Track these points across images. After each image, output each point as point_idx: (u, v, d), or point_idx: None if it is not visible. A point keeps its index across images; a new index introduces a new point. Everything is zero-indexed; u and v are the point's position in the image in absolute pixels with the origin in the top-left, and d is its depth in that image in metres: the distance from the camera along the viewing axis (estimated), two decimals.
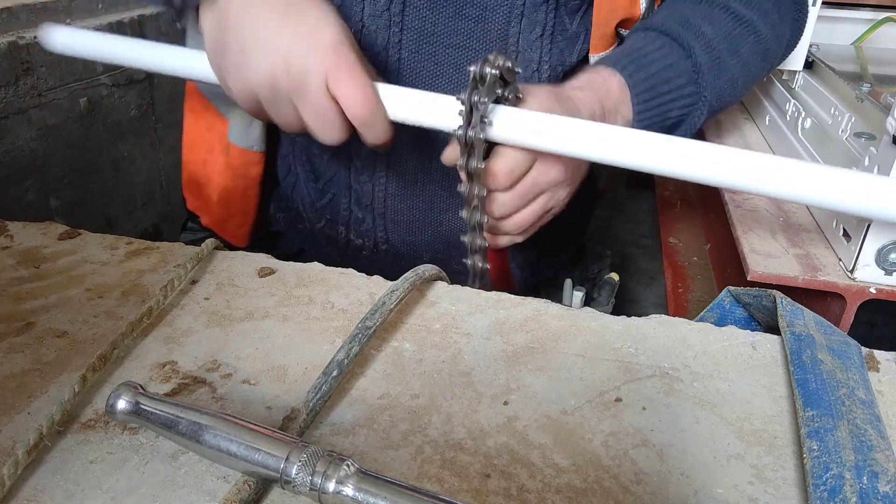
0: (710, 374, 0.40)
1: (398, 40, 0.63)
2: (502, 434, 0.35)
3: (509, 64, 0.48)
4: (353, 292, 0.47)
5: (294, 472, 0.29)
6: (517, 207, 0.53)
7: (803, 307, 0.44)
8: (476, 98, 0.48)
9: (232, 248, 0.53)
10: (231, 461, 0.30)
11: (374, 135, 0.51)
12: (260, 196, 0.77)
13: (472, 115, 0.48)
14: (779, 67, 0.84)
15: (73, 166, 1.04)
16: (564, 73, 0.67)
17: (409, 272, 0.45)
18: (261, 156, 0.74)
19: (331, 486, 0.28)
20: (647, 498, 0.32)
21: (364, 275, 0.49)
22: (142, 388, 0.32)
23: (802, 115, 0.76)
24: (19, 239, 0.53)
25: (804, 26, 0.76)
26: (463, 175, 0.51)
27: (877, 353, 0.41)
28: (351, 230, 0.73)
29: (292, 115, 0.51)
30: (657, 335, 0.43)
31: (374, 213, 0.70)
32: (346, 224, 0.73)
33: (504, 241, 0.57)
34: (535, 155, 0.52)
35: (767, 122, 0.88)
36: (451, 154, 0.52)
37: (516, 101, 0.51)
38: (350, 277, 0.49)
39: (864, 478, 0.30)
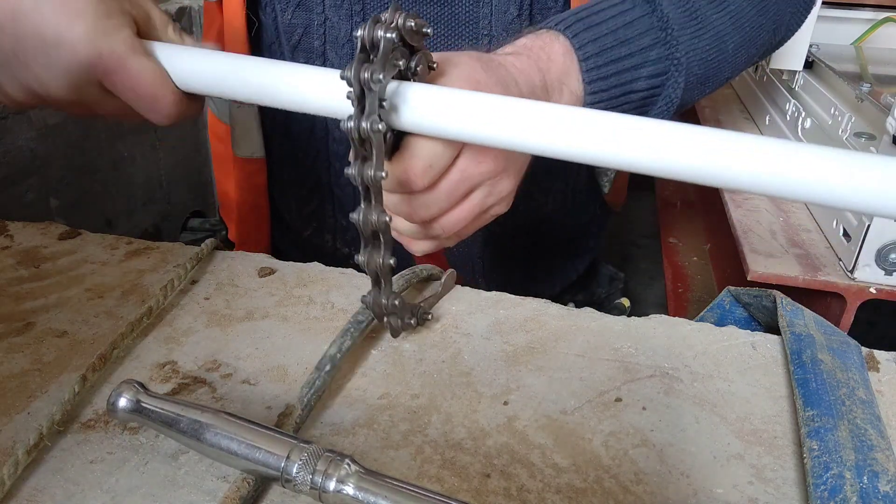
0: (710, 374, 0.40)
1: None
2: (502, 434, 0.35)
3: (412, 23, 0.36)
4: (353, 292, 0.47)
5: (295, 470, 0.29)
6: (443, 209, 0.41)
7: (803, 307, 0.44)
8: (367, 75, 0.35)
9: None
10: (232, 460, 0.30)
11: (161, 115, 0.42)
12: (271, 210, 0.76)
13: (365, 98, 0.35)
14: (779, 68, 0.84)
15: (73, 166, 1.04)
16: None
17: (406, 270, 0.45)
18: (262, 162, 0.72)
19: (331, 484, 0.28)
20: (647, 498, 0.32)
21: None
22: (143, 386, 0.32)
23: (802, 115, 0.76)
24: (19, 239, 0.53)
25: None
26: (359, 186, 0.37)
27: (877, 353, 0.41)
28: (337, 238, 0.71)
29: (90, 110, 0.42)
30: (657, 335, 0.43)
31: None
32: (332, 232, 0.71)
33: (424, 245, 0.44)
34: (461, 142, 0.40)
35: (767, 122, 0.88)
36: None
37: (429, 75, 0.39)
38: (350, 277, 0.49)
39: (865, 477, 0.30)
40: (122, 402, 0.32)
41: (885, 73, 0.80)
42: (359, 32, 0.35)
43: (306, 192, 0.71)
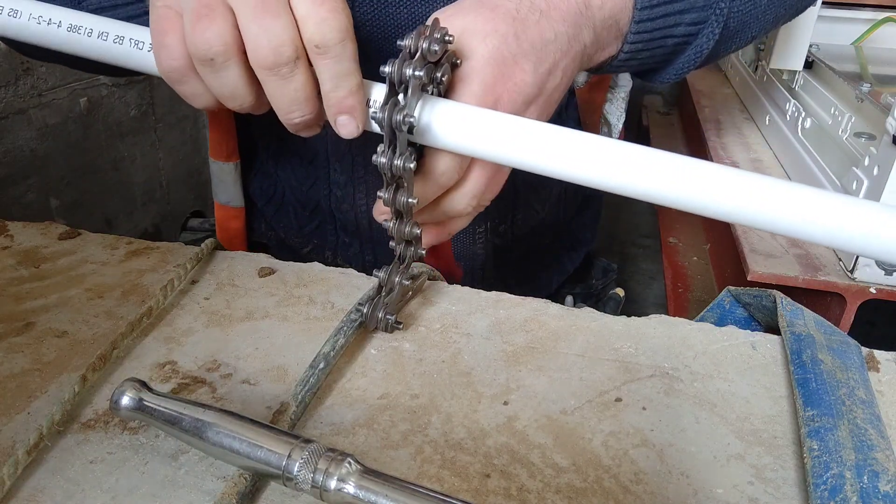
0: (710, 374, 0.40)
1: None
2: (502, 434, 0.35)
3: (436, 46, 0.36)
4: (353, 292, 0.47)
5: (296, 469, 0.29)
6: (474, 206, 0.44)
7: (803, 307, 0.44)
8: (400, 117, 0.36)
9: None
10: (233, 458, 0.30)
11: (336, 70, 0.36)
12: (256, 238, 0.77)
13: (396, 137, 0.37)
14: (779, 67, 0.84)
15: (73, 166, 1.05)
16: None
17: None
18: (238, 211, 0.74)
19: (332, 483, 0.28)
20: (647, 498, 0.32)
21: (364, 275, 0.49)
22: (146, 384, 0.32)
23: (802, 115, 0.76)
24: (19, 239, 0.53)
25: None
26: (389, 211, 0.39)
27: (877, 353, 0.41)
28: (338, 255, 0.72)
29: (221, 31, 0.35)
30: (657, 335, 0.43)
31: (362, 239, 0.69)
32: (333, 249, 0.72)
33: (432, 237, 0.46)
34: None
35: (767, 122, 0.88)
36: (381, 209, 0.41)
37: (451, 71, 0.39)
38: (350, 277, 0.49)
39: (865, 477, 0.30)
40: (125, 400, 0.32)
41: (885, 73, 0.80)
42: (387, 69, 0.35)
43: (308, 213, 0.71)
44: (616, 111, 0.77)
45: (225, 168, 0.71)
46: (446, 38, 0.37)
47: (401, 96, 0.36)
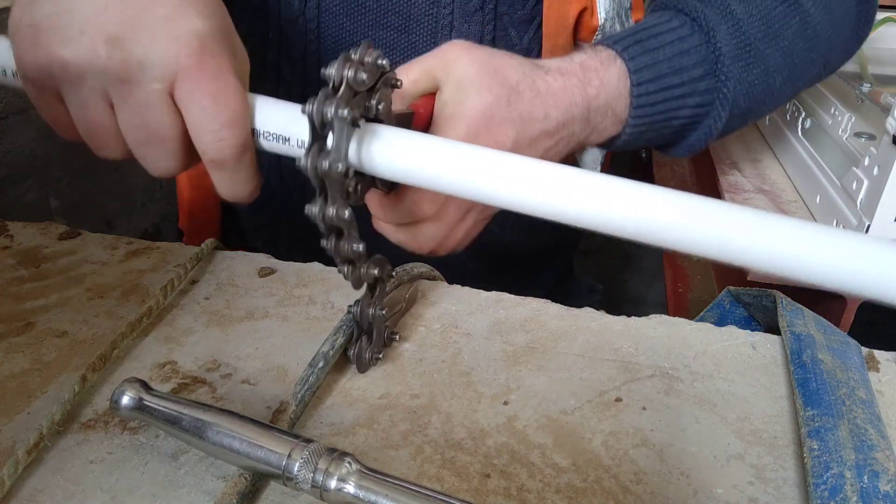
0: (710, 374, 0.40)
1: (315, 48, 0.57)
2: (502, 434, 0.35)
3: (364, 75, 0.32)
4: (352, 292, 0.47)
5: (296, 469, 0.29)
6: (446, 235, 0.43)
7: (803, 307, 0.44)
8: (325, 165, 0.32)
9: None
10: (233, 457, 0.30)
11: (233, 181, 0.36)
12: (222, 213, 0.73)
13: (326, 186, 0.33)
14: None
15: (73, 166, 1.04)
16: None
17: (398, 268, 0.45)
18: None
19: (332, 483, 0.28)
20: (647, 498, 0.32)
21: None
22: (146, 384, 0.32)
23: (802, 115, 0.76)
24: (19, 239, 0.53)
25: (873, 16, 0.63)
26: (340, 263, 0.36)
27: (877, 353, 0.41)
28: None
29: (99, 115, 0.34)
30: (657, 335, 0.43)
31: None
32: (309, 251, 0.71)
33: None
34: None
35: (767, 122, 0.88)
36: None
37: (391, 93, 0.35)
38: None
39: (865, 477, 0.30)
40: (125, 400, 0.32)
41: (885, 73, 0.80)
42: (307, 108, 0.31)
43: (285, 221, 0.69)
44: None
45: None
46: (378, 62, 0.33)
47: (329, 139, 0.32)
